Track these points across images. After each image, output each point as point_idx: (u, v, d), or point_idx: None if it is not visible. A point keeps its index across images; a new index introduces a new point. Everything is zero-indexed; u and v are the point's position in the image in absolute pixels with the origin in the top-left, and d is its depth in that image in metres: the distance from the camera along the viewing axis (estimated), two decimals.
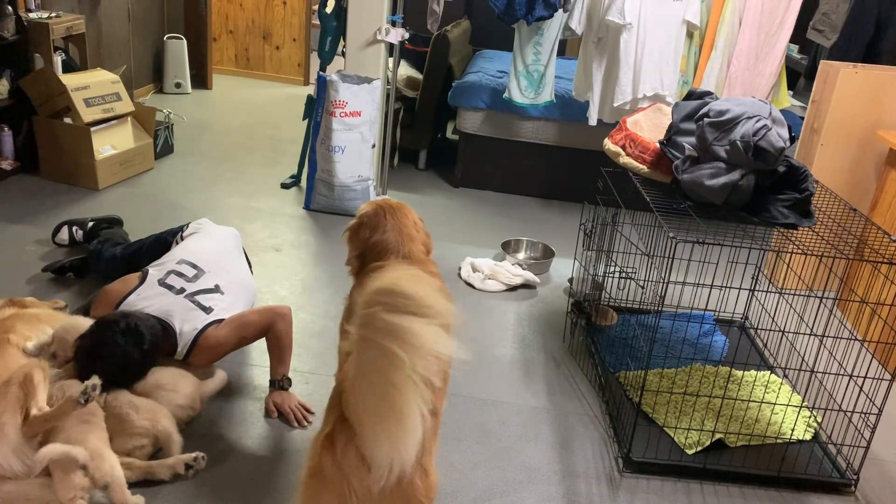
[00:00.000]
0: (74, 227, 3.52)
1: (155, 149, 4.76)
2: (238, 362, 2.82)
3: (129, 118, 4.57)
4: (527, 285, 3.74)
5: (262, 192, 4.55)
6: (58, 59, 4.39)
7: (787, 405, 2.80)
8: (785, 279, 3.83)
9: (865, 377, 2.55)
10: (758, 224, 2.56)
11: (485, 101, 4.81)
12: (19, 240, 3.60)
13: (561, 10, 4.24)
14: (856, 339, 2.63)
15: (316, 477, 1.57)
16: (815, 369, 2.67)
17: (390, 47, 4.50)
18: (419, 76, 5.40)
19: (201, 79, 6.88)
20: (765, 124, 2.43)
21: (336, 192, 4.27)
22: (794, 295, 3.22)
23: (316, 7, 5.28)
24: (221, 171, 4.84)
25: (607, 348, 3.15)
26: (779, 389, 2.97)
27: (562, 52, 6.25)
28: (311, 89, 5.15)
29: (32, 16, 4.34)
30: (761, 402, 2.85)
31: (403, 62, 5.62)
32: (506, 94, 4.60)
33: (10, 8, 4.12)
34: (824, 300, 2.82)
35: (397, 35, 4.36)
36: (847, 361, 3.13)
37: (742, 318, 3.51)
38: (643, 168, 2.77)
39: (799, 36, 4.60)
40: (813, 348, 3.22)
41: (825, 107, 3.74)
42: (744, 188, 2.48)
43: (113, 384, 2.28)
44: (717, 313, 3.51)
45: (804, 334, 2.85)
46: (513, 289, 3.71)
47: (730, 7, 4.12)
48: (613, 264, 3.30)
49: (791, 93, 4.85)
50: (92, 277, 3.26)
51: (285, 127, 5.96)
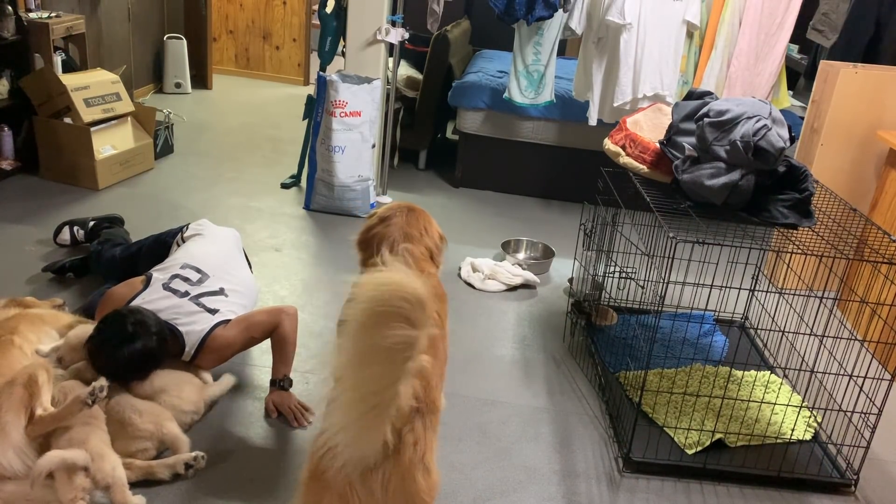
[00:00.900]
0: (76, 227, 3.52)
1: (155, 149, 4.76)
2: (238, 362, 2.82)
3: (129, 118, 4.57)
4: (527, 285, 3.75)
5: (262, 192, 4.55)
6: (58, 59, 4.39)
7: (787, 405, 2.81)
8: (785, 279, 3.83)
9: (865, 377, 2.56)
10: (758, 224, 2.56)
11: (485, 101, 4.81)
12: (19, 240, 3.60)
13: (561, 10, 4.24)
14: (856, 339, 2.63)
15: (317, 478, 1.56)
16: (815, 369, 2.67)
17: (390, 47, 4.50)
18: (419, 76, 5.40)
19: (201, 79, 6.88)
20: (765, 124, 2.43)
21: (336, 192, 4.27)
22: (794, 295, 3.22)
23: (316, 7, 5.28)
24: (221, 171, 4.84)
25: (607, 348, 3.15)
26: (779, 389, 2.97)
27: (562, 52, 6.26)
28: (311, 89, 5.15)
29: (32, 16, 4.34)
30: (761, 402, 2.85)
31: (403, 62, 5.63)
32: (506, 94, 4.60)
33: (10, 8, 4.12)
34: (824, 300, 2.82)
35: (397, 35, 4.36)
36: (847, 361, 3.13)
37: (742, 318, 3.51)
38: (643, 168, 2.77)
39: (799, 36, 4.60)
40: (813, 348, 3.22)
41: (825, 107, 3.74)
42: (744, 188, 2.48)
43: (126, 376, 2.31)
44: (717, 313, 3.51)
45: (804, 334, 2.85)
46: (513, 289, 3.71)
47: (730, 7, 4.12)
48: (613, 264, 3.30)
49: (791, 93, 4.85)
50: (92, 277, 3.26)
51: (285, 127, 5.96)
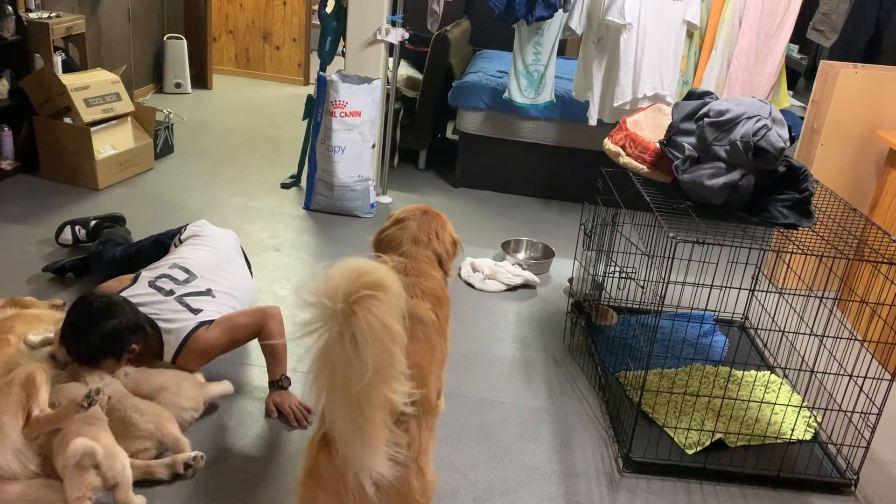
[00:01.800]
0: (77, 227, 3.52)
1: (155, 149, 4.76)
2: (237, 362, 2.82)
3: (129, 118, 4.57)
4: (527, 285, 3.75)
5: (262, 192, 4.55)
6: (58, 59, 4.39)
7: (787, 405, 2.81)
8: (785, 279, 3.83)
9: (865, 377, 2.56)
10: (758, 224, 2.56)
11: (485, 101, 4.81)
12: (19, 240, 3.60)
13: (561, 10, 4.25)
14: (856, 339, 2.63)
15: (312, 477, 1.57)
16: (815, 369, 2.67)
17: (390, 47, 4.50)
18: (419, 76, 5.40)
19: (201, 79, 6.88)
20: (765, 124, 2.43)
21: (336, 192, 4.27)
22: (794, 295, 3.22)
23: (316, 7, 5.28)
24: (221, 171, 4.84)
25: (607, 348, 3.15)
26: (779, 389, 2.97)
27: (562, 52, 6.26)
28: (311, 89, 5.15)
29: (32, 16, 4.34)
30: (761, 402, 2.85)
31: (403, 62, 5.63)
32: (506, 94, 4.60)
33: (10, 8, 4.12)
34: (824, 300, 2.82)
35: (397, 35, 4.36)
36: (847, 361, 3.13)
37: (742, 318, 3.51)
38: (643, 168, 2.77)
39: (799, 36, 4.60)
40: (813, 348, 3.22)
41: (825, 107, 3.74)
42: (744, 188, 2.48)
43: (95, 355, 2.31)
44: (717, 313, 3.51)
45: (804, 334, 2.85)
46: (513, 289, 3.71)
47: (730, 7, 4.12)
48: (613, 264, 3.30)
49: (791, 93, 4.85)
50: (91, 277, 3.26)
51: (285, 127, 5.96)
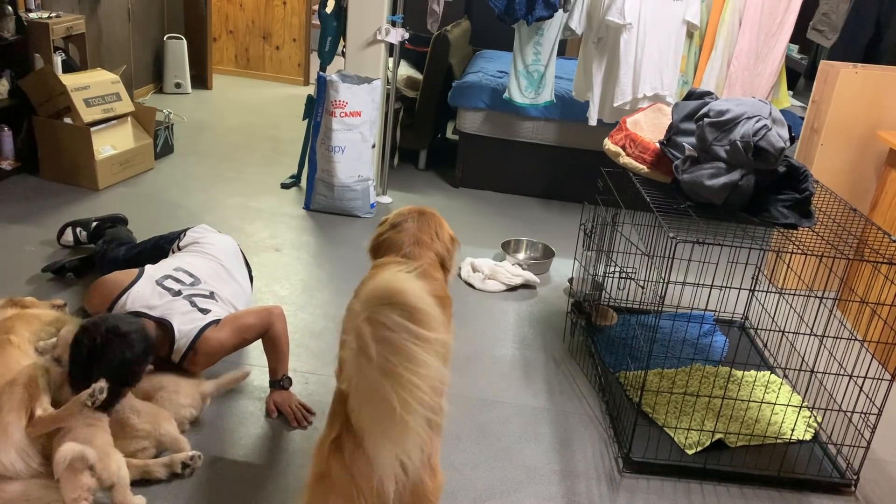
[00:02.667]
0: (79, 229, 3.52)
1: (155, 149, 4.76)
2: (237, 362, 2.82)
3: (129, 118, 4.57)
4: (527, 285, 3.75)
5: (262, 192, 4.55)
6: (58, 59, 4.39)
7: (787, 405, 2.81)
8: (785, 279, 3.83)
9: (865, 377, 2.56)
10: (758, 224, 2.56)
11: (485, 101, 4.81)
12: (19, 240, 3.60)
13: (561, 10, 4.25)
14: (856, 339, 2.63)
15: (323, 481, 1.54)
16: (815, 369, 2.67)
17: (390, 47, 4.50)
18: (419, 76, 5.40)
19: (201, 79, 6.88)
20: (765, 124, 2.43)
21: (336, 192, 4.27)
22: (794, 295, 3.22)
23: (316, 7, 5.28)
24: (221, 171, 4.84)
25: (607, 348, 3.15)
26: (779, 389, 2.97)
27: (562, 52, 6.25)
28: (311, 89, 5.15)
29: (32, 16, 4.34)
30: (761, 402, 2.85)
31: (403, 62, 5.62)
32: (506, 94, 4.60)
33: (10, 8, 4.12)
34: (824, 300, 2.82)
35: (397, 35, 4.36)
36: (847, 361, 3.13)
37: (742, 318, 3.51)
38: (643, 168, 2.77)
39: (799, 36, 4.60)
40: (813, 348, 3.22)
41: (825, 107, 3.74)
42: (744, 188, 2.48)
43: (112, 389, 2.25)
44: (717, 313, 3.51)
45: (804, 334, 2.85)
46: (513, 289, 3.71)
47: (730, 7, 4.12)
48: (613, 264, 3.30)
49: (791, 93, 4.85)
50: (92, 277, 3.25)
51: (285, 127, 5.96)
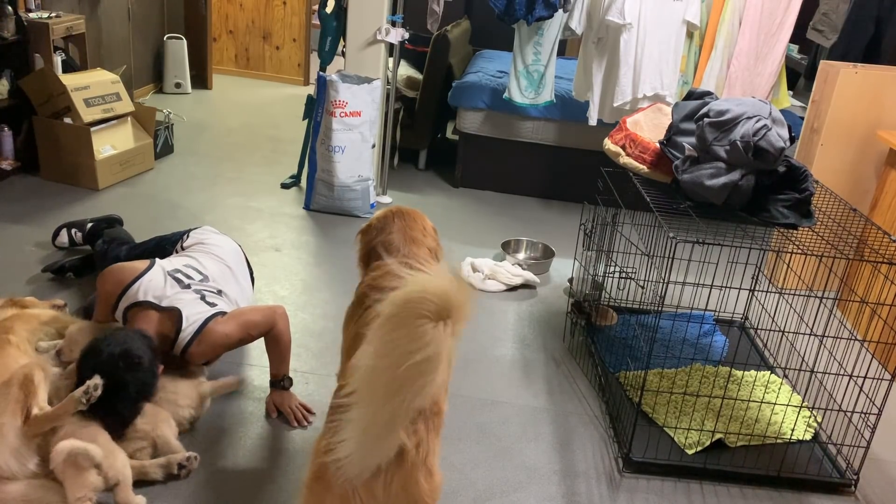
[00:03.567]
0: (73, 230, 3.51)
1: (155, 149, 4.76)
2: (237, 362, 2.82)
3: (129, 118, 4.57)
4: (527, 285, 3.74)
5: (262, 192, 4.55)
6: (58, 59, 4.39)
7: (787, 405, 2.80)
8: (785, 279, 3.83)
9: (865, 377, 2.55)
10: (758, 224, 2.56)
11: (485, 101, 4.81)
12: (19, 240, 3.60)
13: (561, 10, 4.24)
14: (856, 339, 2.63)
15: (320, 481, 1.55)
16: (815, 369, 2.67)
17: (390, 47, 4.50)
18: (419, 76, 5.40)
19: (201, 79, 6.88)
20: (765, 124, 2.43)
21: (336, 192, 4.27)
22: (794, 295, 3.22)
23: (316, 7, 5.28)
24: (221, 171, 4.84)
25: (607, 348, 3.14)
26: (779, 389, 2.97)
27: (562, 52, 6.26)
28: (311, 89, 5.15)
29: (32, 16, 4.34)
30: (761, 402, 2.85)
31: (403, 62, 5.62)
32: (506, 94, 4.59)
33: (10, 8, 4.12)
34: (824, 300, 2.82)
35: (397, 35, 4.36)
36: (847, 361, 3.13)
37: (742, 318, 3.51)
38: (643, 168, 2.77)
39: (799, 36, 4.60)
40: (813, 348, 3.22)
41: (825, 107, 3.74)
42: (744, 188, 2.48)
43: (131, 417, 2.23)
44: (717, 313, 3.51)
45: (804, 334, 2.85)
46: (513, 289, 3.71)
47: (730, 7, 4.12)
48: (613, 264, 3.30)
49: (791, 93, 4.85)
50: (92, 277, 3.25)
51: (285, 127, 5.96)
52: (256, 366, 2.82)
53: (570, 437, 2.65)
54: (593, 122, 4.41)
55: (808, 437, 2.72)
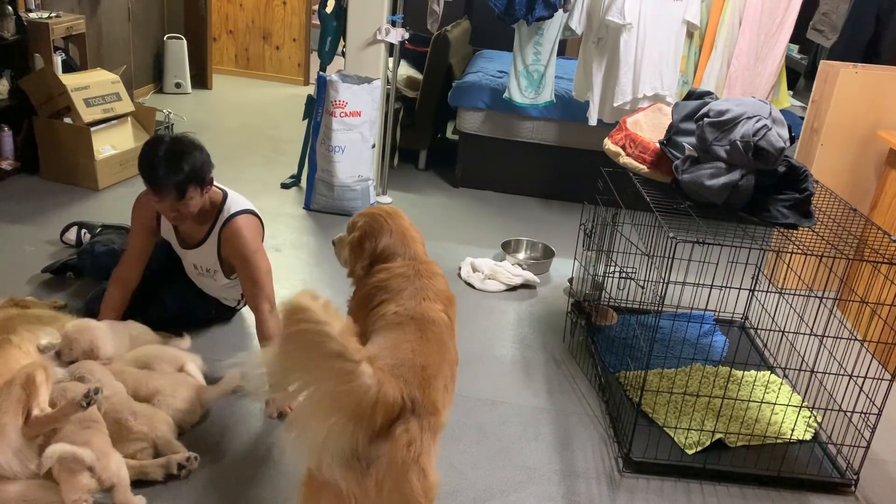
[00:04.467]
0: (84, 230, 3.52)
1: None
2: (237, 362, 2.82)
3: (129, 118, 4.57)
4: (527, 285, 3.74)
5: (262, 192, 4.55)
6: (58, 59, 4.39)
7: (787, 405, 2.81)
8: (785, 279, 3.83)
9: (865, 377, 2.55)
10: (758, 224, 2.56)
11: (485, 101, 4.81)
12: (19, 240, 3.59)
13: (561, 10, 4.25)
14: (856, 339, 2.63)
15: (315, 479, 1.57)
16: (815, 369, 2.67)
17: (390, 47, 4.50)
18: (419, 76, 5.40)
19: (201, 79, 6.88)
20: (765, 124, 2.43)
21: (336, 192, 4.27)
22: (794, 295, 3.22)
23: (316, 7, 5.28)
24: (221, 171, 4.81)
25: (607, 348, 3.14)
26: (779, 389, 2.97)
27: (562, 52, 6.24)
28: (311, 89, 5.15)
29: (32, 16, 4.34)
30: (761, 402, 2.85)
31: (403, 62, 5.62)
32: (506, 94, 4.60)
33: (10, 8, 4.12)
34: (824, 300, 2.82)
35: (397, 35, 4.36)
36: (847, 361, 3.13)
37: (742, 318, 3.51)
38: (643, 168, 2.77)
39: (799, 36, 4.60)
40: (813, 348, 3.22)
41: (825, 107, 3.74)
42: (744, 188, 2.48)
43: (185, 186, 2.59)
44: (717, 313, 3.51)
45: (804, 334, 2.84)
46: (513, 289, 3.71)
47: (730, 7, 4.12)
48: (613, 264, 3.30)
49: (791, 93, 4.85)
50: (92, 277, 3.25)
51: (285, 127, 5.96)
52: None
53: (570, 437, 2.65)
54: (593, 122, 4.41)
55: (808, 437, 2.72)
